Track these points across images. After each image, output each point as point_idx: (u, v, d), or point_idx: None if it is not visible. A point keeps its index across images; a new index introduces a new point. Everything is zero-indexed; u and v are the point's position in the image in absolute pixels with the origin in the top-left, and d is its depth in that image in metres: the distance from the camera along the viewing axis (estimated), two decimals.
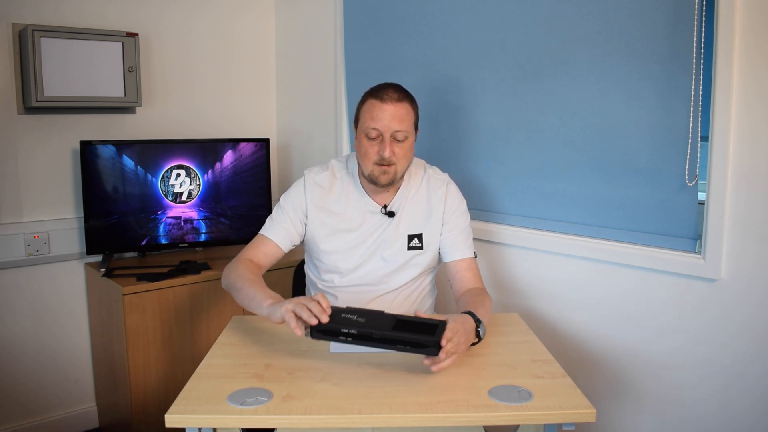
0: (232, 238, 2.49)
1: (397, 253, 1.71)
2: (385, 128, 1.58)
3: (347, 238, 1.70)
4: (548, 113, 1.89)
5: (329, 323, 1.29)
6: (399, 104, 1.59)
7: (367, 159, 1.61)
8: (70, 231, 2.38)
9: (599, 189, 1.81)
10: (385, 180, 1.62)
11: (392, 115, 1.58)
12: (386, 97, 1.59)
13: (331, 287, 1.74)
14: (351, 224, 1.71)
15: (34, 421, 2.38)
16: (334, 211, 1.71)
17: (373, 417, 1.17)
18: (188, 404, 1.20)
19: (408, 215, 1.72)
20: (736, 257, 1.56)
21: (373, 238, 1.71)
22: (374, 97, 1.61)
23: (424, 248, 1.72)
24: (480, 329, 1.43)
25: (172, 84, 2.60)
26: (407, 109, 1.61)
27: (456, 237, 1.72)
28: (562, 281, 1.93)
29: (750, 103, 1.50)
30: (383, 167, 1.60)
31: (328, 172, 1.74)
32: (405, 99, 1.62)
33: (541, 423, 1.23)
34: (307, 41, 2.71)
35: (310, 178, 1.73)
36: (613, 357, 1.83)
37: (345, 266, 1.71)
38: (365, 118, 1.61)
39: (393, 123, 1.58)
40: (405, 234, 1.71)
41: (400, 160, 1.62)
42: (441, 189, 1.74)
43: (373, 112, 1.59)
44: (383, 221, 1.71)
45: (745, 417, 1.59)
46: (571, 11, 1.80)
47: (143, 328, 2.15)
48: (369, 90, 1.65)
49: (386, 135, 1.58)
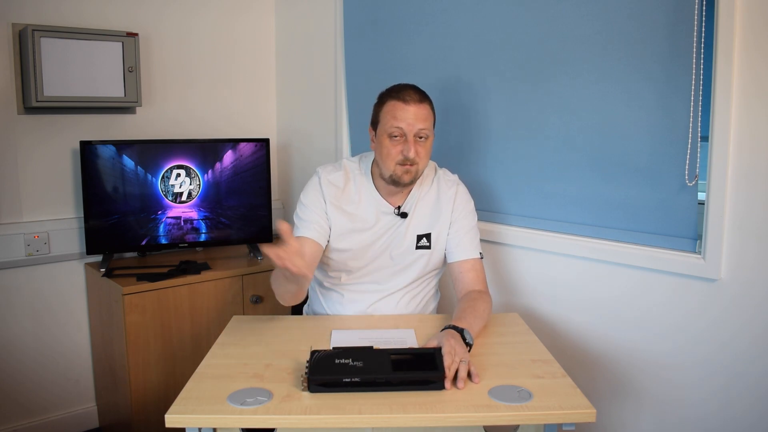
0: (232, 238, 2.49)
1: (405, 252, 1.72)
2: (409, 128, 1.60)
3: (360, 237, 1.71)
4: (548, 113, 1.89)
5: (328, 374, 1.25)
6: (421, 104, 1.62)
7: (390, 159, 1.62)
8: (70, 231, 2.38)
9: (599, 189, 1.81)
10: (408, 179, 1.64)
11: (415, 115, 1.60)
12: (408, 98, 1.61)
13: (337, 285, 1.75)
14: (365, 224, 1.71)
15: (34, 421, 2.38)
16: (348, 211, 1.71)
17: (373, 417, 1.17)
18: (188, 404, 1.20)
19: (418, 215, 1.73)
20: (736, 257, 1.56)
21: (384, 238, 1.72)
22: (395, 98, 1.62)
23: (432, 247, 1.74)
24: (465, 336, 1.43)
25: (172, 84, 2.60)
26: (428, 109, 1.64)
27: (462, 237, 1.73)
28: (562, 281, 1.93)
29: (750, 103, 1.50)
30: (406, 167, 1.62)
31: (341, 172, 1.74)
32: (425, 99, 1.65)
33: (541, 423, 1.23)
34: (307, 41, 2.71)
35: (324, 177, 1.73)
36: (613, 357, 1.83)
37: (354, 265, 1.73)
38: (387, 119, 1.62)
39: (417, 122, 1.60)
40: (414, 234, 1.72)
41: (422, 159, 1.64)
42: (451, 190, 1.76)
43: (395, 112, 1.61)
44: (395, 222, 1.72)
45: (745, 417, 1.59)
46: (571, 11, 1.80)
47: (143, 328, 2.15)
48: (387, 92, 1.67)
49: (410, 135, 1.60)
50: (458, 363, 1.29)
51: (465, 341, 1.41)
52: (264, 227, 2.49)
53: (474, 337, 1.46)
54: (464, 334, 1.43)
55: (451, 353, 1.31)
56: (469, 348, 1.42)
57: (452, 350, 1.32)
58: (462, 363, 1.29)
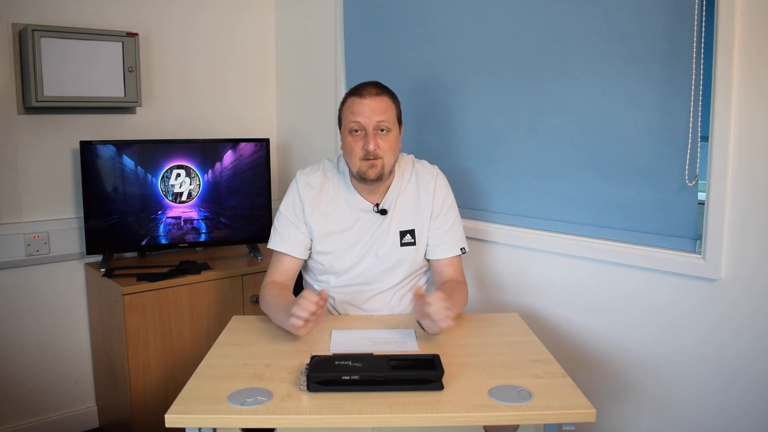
0: (232, 238, 2.49)
1: (390, 251, 1.71)
2: (367, 121, 1.61)
3: (342, 238, 1.71)
4: (548, 113, 1.89)
5: (328, 373, 1.25)
6: (378, 98, 1.62)
7: (353, 155, 1.63)
8: (70, 231, 2.38)
9: (599, 189, 1.81)
10: (374, 174, 1.63)
11: (371, 108, 1.61)
12: (365, 92, 1.63)
13: (327, 288, 1.74)
14: (344, 224, 1.71)
15: (34, 421, 2.38)
16: (327, 212, 1.72)
17: (373, 417, 1.17)
18: (188, 404, 1.20)
19: (399, 211, 1.73)
20: (736, 257, 1.56)
21: (367, 236, 1.71)
22: (353, 94, 1.65)
23: (416, 243, 1.73)
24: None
25: (172, 84, 2.60)
26: (387, 102, 1.64)
27: (443, 236, 1.74)
28: (562, 281, 1.93)
29: (750, 103, 1.50)
30: (370, 161, 1.62)
31: (319, 173, 1.75)
32: (384, 93, 1.65)
33: (541, 423, 1.23)
34: (307, 41, 2.71)
35: (302, 180, 1.74)
36: (613, 357, 1.83)
37: (341, 266, 1.72)
38: (347, 115, 1.64)
39: (374, 115, 1.60)
40: (397, 230, 1.72)
41: (386, 153, 1.63)
42: (431, 183, 1.75)
43: (353, 107, 1.62)
44: (376, 219, 1.71)
45: (745, 417, 1.59)
46: (571, 12, 1.80)
47: (143, 328, 2.15)
48: (348, 90, 1.69)
49: (369, 128, 1.61)
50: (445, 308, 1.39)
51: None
52: (264, 227, 2.48)
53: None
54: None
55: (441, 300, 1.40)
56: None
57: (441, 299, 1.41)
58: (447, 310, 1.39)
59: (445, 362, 1.30)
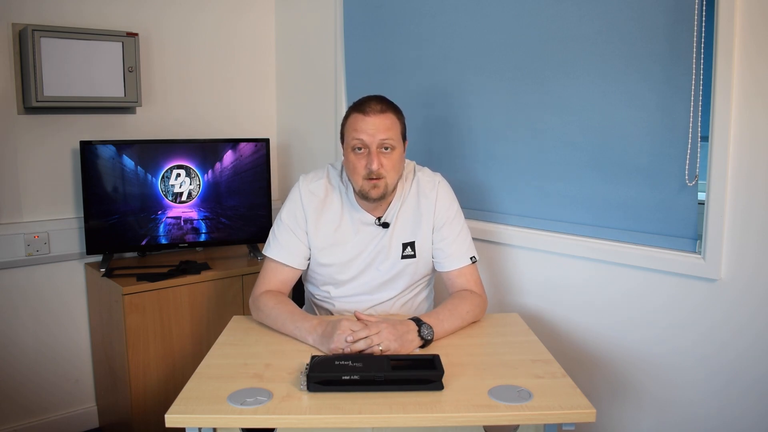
0: (232, 238, 2.49)
1: (392, 264, 1.68)
2: (371, 139, 1.54)
3: (343, 250, 1.67)
4: (548, 113, 1.89)
5: (328, 373, 1.25)
6: (382, 115, 1.56)
7: (356, 174, 1.57)
8: (70, 231, 2.38)
9: (599, 189, 1.81)
10: (376, 194, 1.58)
11: (376, 125, 1.54)
12: (369, 109, 1.56)
13: (327, 298, 1.73)
14: (346, 237, 1.67)
15: (34, 421, 2.38)
16: (329, 222, 1.67)
17: (373, 417, 1.17)
18: (188, 404, 1.20)
19: (401, 223, 1.69)
20: (736, 257, 1.56)
21: (369, 249, 1.68)
22: (357, 110, 1.58)
23: (417, 256, 1.69)
24: (422, 330, 1.43)
25: (172, 84, 2.60)
26: (392, 119, 1.58)
27: (449, 247, 1.68)
28: (562, 281, 1.93)
29: (750, 103, 1.50)
30: (373, 181, 1.56)
31: (323, 180, 1.69)
32: (389, 110, 1.59)
33: (541, 423, 1.23)
34: (307, 41, 2.71)
35: (305, 187, 1.69)
36: (613, 357, 1.83)
37: (341, 278, 1.69)
38: (349, 132, 1.58)
39: (378, 133, 1.54)
40: (399, 243, 1.68)
41: (389, 172, 1.57)
42: (432, 193, 1.69)
43: (356, 124, 1.56)
44: (378, 232, 1.68)
45: (745, 417, 1.59)
46: (571, 12, 1.80)
47: (143, 328, 2.15)
48: (352, 104, 1.62)
49: (372, 147, 1.55)
50: (370, 341, 1.36)
51: (420, 335, 1.42)
52: (264, 227, 2.48)
53: (443, 334, 1.47)
54: (422, 329, 1.43)
55: (377, 327, 1.37)
56: (424, 343, 1.43)
57: (379, 327, 1.37)
58: (374, 345, 1.36)
59: (445, 362, 1.30)
